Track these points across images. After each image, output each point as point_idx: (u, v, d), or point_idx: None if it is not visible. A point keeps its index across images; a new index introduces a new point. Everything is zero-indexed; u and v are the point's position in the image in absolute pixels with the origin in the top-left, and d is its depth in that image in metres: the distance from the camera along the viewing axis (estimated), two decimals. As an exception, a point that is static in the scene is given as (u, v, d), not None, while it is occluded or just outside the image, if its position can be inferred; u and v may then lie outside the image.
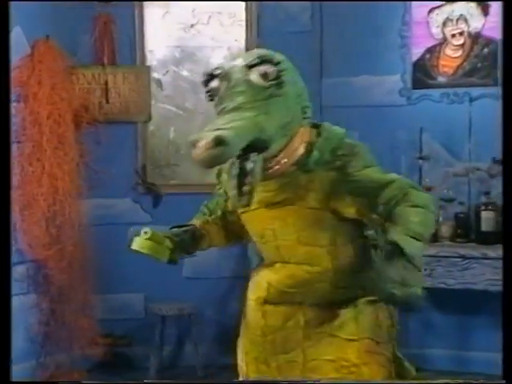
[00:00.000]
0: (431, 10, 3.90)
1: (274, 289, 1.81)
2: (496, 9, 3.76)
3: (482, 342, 3.80)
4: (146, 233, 1.83)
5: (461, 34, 3.85)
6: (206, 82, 1.70)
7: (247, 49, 4.11)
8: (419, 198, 1.64)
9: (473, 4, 3.83)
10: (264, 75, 1.64)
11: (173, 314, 3.88)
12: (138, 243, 1.83)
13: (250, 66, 1.65)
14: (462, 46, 3.86)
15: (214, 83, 1.68)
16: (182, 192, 4.06)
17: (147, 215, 4.09)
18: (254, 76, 1.64)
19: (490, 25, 3.79)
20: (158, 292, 3.89)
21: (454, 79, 3.90)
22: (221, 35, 4.16)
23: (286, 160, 1.69)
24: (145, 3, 4.05)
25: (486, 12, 3.79)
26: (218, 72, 1.68)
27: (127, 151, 4.04)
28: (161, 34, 4.12)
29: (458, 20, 3.86)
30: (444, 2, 3.88)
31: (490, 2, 3.78)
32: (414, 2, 3.93)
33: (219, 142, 1.49)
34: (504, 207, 1.57)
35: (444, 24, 3.89)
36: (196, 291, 3.98)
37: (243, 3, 4.12)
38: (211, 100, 1.71)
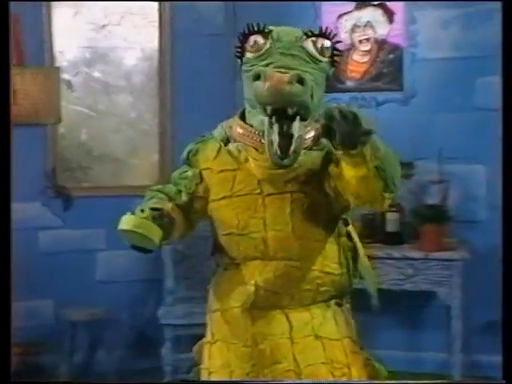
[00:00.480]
0: (340, 16, 4.01)
1: (262, 290, 1.66)
2: (400, 17, 3.92)
3: (385, 340, 3.94)
4: (142, 211, 1.54)
5: (367, 40, 3.98)
6: (246, 36, 1.59)
7: (161, 50, 4.09)
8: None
9: (379, 11, 3.97)
10: (321, 48, 1.58)
11: (84, 319, 3.80)
12: (133, 222, 1.52)
13: (309, 35, 1.57)
14: (369, 51, 3.99)
15: (258, 39, 1.58)
16: (94, 195, 3.99)
17: (58, 219, 3.99)
18: (310, 45, 1.57)
19: (395, 32, 3.93)
20: (69, 297, 3.80)
21: (361, 84, 4.02)
22: (133, 36, 4.12)
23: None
24: (53, 3, 3.95)
25: (391, 20, 3.94)
26: (263, 29, 1.58)
27: (36, 154, 3.93)
28: (71, 35, 4.03)
29: (365, 26, 3.99)
30: (352, 9, 3.99)
31: (394, 11, 3.93)
32: (323, 8, 4.03)
33: (300, 79, 1.39)
34: (504, 207, 1.58)
35: (352, 30, 4.01)
36: (109, 295, 3.92)
37: (156, 4, 4.09)
38: (241, 56, 1.61)
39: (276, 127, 1.44)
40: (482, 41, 3.77)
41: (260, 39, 1.57)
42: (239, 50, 1.60)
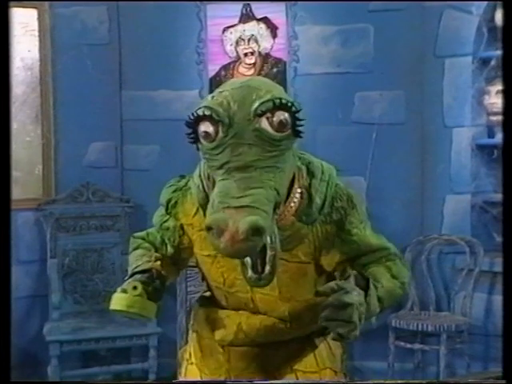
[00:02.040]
0: (225, 29, 4.08)
1: (243, 334, 1.62)
2: (283, 32, 4.05)
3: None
4: (135, 288, 1.43)
5: (252, 53, 4.08)
6: (194, 124, 1.38)
7: (42, 60, 3.98)
8: (401, 272, 1.58)
9: (263, 25, 4.08)
10: (279, 124, 1.34)
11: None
12: (126, 302, 1.42)
13: (260, 114, 1.34)
14: (254, 64, 4.09)
15: (207, 127, 1.36)
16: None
17: None
18: (266, 125, 1.35)
19: (278, 46, 4.05)
20: None
21: (246, 96, 4.10)
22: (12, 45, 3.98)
23: (286, 212, 1.47)
24: None
25: (274, 34, 4.05)
26: (209, 113, 1.36)
27: None
28: None
29: (249, 40, 4.08)
30: (237, 22, 4.08)
31: (277, 25, 4.06)
32: (209, 21, 4.08)
33: (257, 230, 1.24)
34: (504, 207, 1.61)
35: (237, 43, 4.09)
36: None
37: (35, 13, 3.97)
38: (194, 143, 1.40)
39: None
40: (359, 57, 3.98)
41: (210, 128, 1.36)
42: (192, 136, 1.41)
